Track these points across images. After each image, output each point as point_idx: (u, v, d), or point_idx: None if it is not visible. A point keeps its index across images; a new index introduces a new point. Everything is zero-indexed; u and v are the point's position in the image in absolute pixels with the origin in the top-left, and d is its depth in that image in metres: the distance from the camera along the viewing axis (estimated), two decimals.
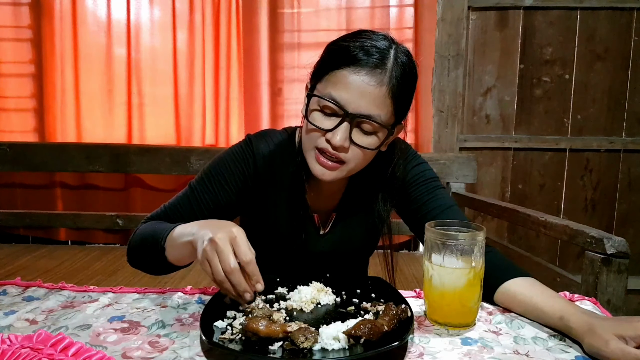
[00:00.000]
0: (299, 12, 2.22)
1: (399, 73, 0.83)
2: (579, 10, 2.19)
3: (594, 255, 1.20)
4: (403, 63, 0.84)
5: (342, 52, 0.83)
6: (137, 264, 0.94)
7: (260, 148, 0.96)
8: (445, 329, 0.75)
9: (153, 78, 2.25)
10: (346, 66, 0.81)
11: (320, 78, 0.85)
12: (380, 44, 0.83)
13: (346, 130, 0.82)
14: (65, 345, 0.61)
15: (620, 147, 2.25)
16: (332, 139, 0.82)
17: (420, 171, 0.99)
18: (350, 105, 0.81)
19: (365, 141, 0.84)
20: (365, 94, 0.81)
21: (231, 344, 0.65)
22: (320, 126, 0.83)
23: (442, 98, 2.21)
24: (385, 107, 0.83)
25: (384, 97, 0.82)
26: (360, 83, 0.81)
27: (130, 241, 0.94)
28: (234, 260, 0.71)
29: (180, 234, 0.81)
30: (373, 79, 0.81)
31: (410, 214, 0.99)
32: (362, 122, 0.83)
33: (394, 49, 0.84)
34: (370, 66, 0.81)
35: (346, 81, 0.81)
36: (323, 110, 0.84)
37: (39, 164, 2.09)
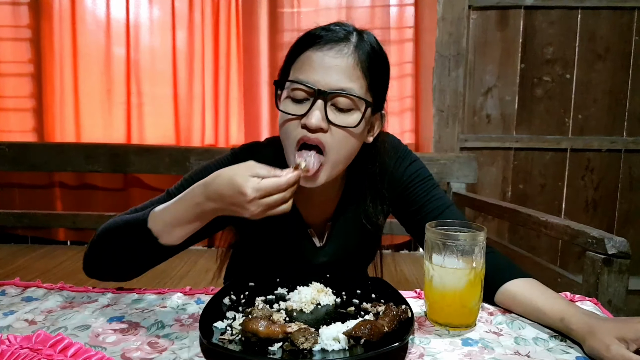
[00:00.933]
0: (299, 12, 2.22)
1: (366, 47, 0.81)
2: (579, 10, 2.19)
3: (595, 256, 1.19)
4: (369, 41, 0.82)
5: (302, 38, 0.82)
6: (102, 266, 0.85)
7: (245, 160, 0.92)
8: (445, 330, 0.75)
9: (152, 78, 2.25)
10: (307, 48, 0.80)
11: (287, 72, 0.83)
12: (341, 26, 0.82)
13: (321, 108, 0.78)
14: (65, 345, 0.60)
15: (621, 147, 2.24)
16: (307, 120, 0.78)
17: (416, 170, 0.95)
18: (319, 83, 0.78)
19: (345, 120, 0.80)
20: (332, 67, 0.78)
21: (231, 344, 0.65)
22: (294, 113, 0.80)
23: (442, 98, 2.21)
24: (357, 79, 0.79)
25: (353, 68, 0.79)
26: (324, 57, 0.78)
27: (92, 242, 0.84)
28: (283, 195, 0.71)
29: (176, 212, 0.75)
30: (337, 53, 0.79)
31: (408, 216, 0.97)
32: (336, 96, 0.79)
33: (357, 31, 0.83)
34: (332, 42, 0.79)
35: (310, 60, 0.79)
36: (294, 98, 0.80)
37: (38, 164, 2.09)
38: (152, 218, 0.78)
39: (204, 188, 0.75)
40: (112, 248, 0.82)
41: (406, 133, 2.25)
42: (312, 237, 0.97)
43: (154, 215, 0.78)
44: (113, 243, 0.82)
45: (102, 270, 0.85)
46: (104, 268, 0.84)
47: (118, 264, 0.83)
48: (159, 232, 0.77)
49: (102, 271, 0.85)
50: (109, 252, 0.82)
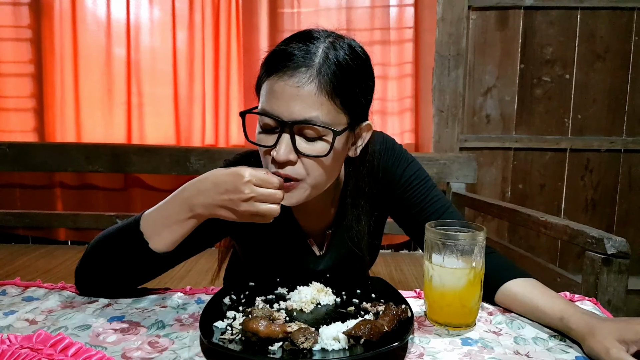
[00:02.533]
0: (299, 12, 2.22)
1: (331, 68, 0.75)
2: (579, 10, 2.19)
3: (595, 256, 1.20)
4: (337, 56, 0.76)
5: (267, 62, 0.79)
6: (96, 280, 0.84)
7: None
8: (445, 330, 0.75)
9: (153, 78, 2.25)
10: (269, 76, 0.77)
11: (258, 94, 0.81)
12: (306, 41, 0.77)
13: (287, 141, 0.75)
14: (65, 345, 0.61)
15: (620, 147, 2.25)
16: (275, 155, 0.76)
17: (413, 172, 0.94)
18: (283, 114, 0.75)
19: (313, 149, 0.76)
20: (294, 97, 0.74)
21: (231, 344, 0.65)
22: (264, 144, 0.78)
23: (442, 98, 2.21)
24: (321, 106, 0.75)
25: (316, 95, 0.74)
26: (285, 87, 0.75)
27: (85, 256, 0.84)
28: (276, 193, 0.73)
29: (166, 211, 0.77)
30: (298, 80, 0.74)
31: (408, 219, 0.96)
32: (302, 128, 0.75)
33: (325, 45, 0.77)
34: (292, 68, 0.75)
35: (273, 90, 0.76)
36: (264, 128, 0.79)
37: (38, 164, 2.09)
38: (143, 220, 0.79)
39: (195, 183, 0.77)
40: (104, 258, 0.82)
41: (406, 133, 2.25)
42: (312, 247, 0.97)
43: (145, 217, 0.79)
44: (105, 252, 0.82)
45: (94, 284, 0.85)
46: (96, 281, 0.85)
47: (110, 275, 0.83)
48: (149, 233, 0.78)
49: (94, 285, 0.85)
50: (101, 263, 0.83)
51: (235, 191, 0.73)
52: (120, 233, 0.81)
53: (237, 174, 0.73)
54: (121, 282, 0.85)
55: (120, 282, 0.85)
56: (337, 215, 0.95)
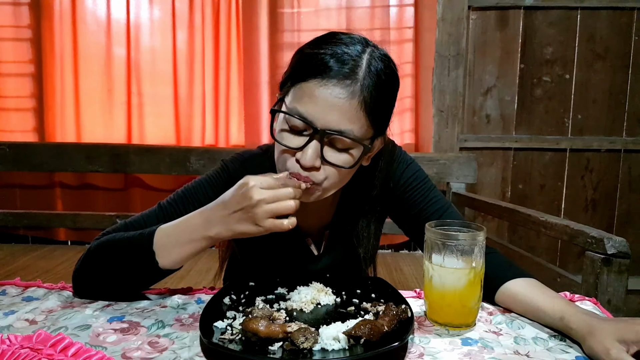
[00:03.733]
0: (299, 12, 2.22)
1: (372, 82, 0.75)
2: (579, 10, 2.19)
3: (595, 256, 1.20)
4: (377, 70, 0.76)
5: (308, 61, 0.76)
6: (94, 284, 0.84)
7: (238, 175, 0.88)
8: (445, 330, 0.75)
9: (153, 78, 2.25)
10: (313, 77, 0.74)
11: (287, 91, 0.79)
12: (351, 49, 0.76)
13: (316, 148, 0.75)
14: (65, 345, 0.61)
15: (620, 147, 2.25)
16: (301, 158, 0.76)
17: (413, 174, 0.94)
18: (318, 121, 0.74)
19: (339, 159, 0.77)
20: (335, 107, 0.73)
21: (231, 344, 0.65)
22: (289, 145, 0.77)
23: (442, 98, 2.21)
24: (358, 120, 0.75)
25: (356, 110, 0.74)
26: (328, 96, 0.73)
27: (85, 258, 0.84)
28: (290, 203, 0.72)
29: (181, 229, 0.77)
30: (342, 91, 0.73)
31: (408, 220, 0.96)
32: (333, 138, 0.76)
33: (368, 55, 0.77)
34: (339, 77, 0.73)
35: (313, 94, 0.74)
36: (291, 128, 0.77)
37: (38, 164, 2.09)
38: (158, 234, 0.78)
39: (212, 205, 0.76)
40: (108, 263, 0.82)
41: (406, 133, 2.25)
42: (310, 246, 0.97)
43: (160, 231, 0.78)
44: (110, 258, 0.82)
45: (93, 287, 0.85)
46: (96, 284, 0.84)
47: (111, 280, 0.83)
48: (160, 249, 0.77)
49: (93, 288, 0.85)
50: (104, 268, 0.82)
51: (245, 198, 0.72)
52: (130, 244, 0.81)
53: (241, 183, 0.73)
54: (120, 288, 0.84)
55: (119, 287, 0.84)
56: (336, 215, 0.96)
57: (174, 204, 0.90)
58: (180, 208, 0.88)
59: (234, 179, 0.87)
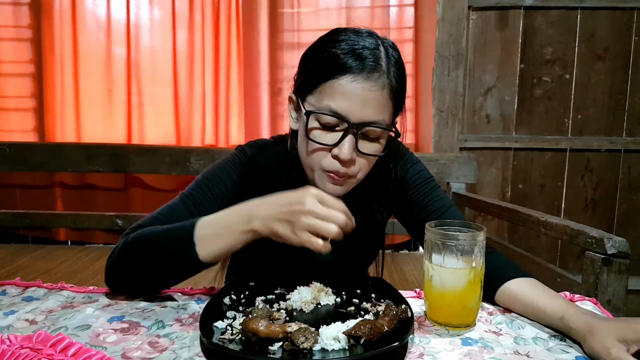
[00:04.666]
0: (299, 12, 2.22)
1: (396, 71, 0.80)
2: (579, 10, 2.19)
3: (595, 256, 1.20)
4: (396, 59, 0.81)
5: (331, 61, 0.78)
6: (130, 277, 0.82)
7: (256, 160, 0.92)
8: (445, 329, 0.75)
9: (153, 78, 2.25)
10: (341, 75, 0.77)
11: (309, 91, 0.81)
12: (368, 42, 0.79)
13: (352, 141, 0.79)
14: (65, 345, 0.61)
15: (620, 147, 2.25)
16: (339, 153, 0.79)
17: (417, 172, 0.96)
18: (353, 115, 0.77)
19: (372, 148, 0.82)
20: (368, 100, 0.77)
21: (231, 344, 0.65)
22: (323, 142, 0.80)
23: (442, 98, 2.21)
24: (388, 109, 0.80)
25: (386, 100, 0.79)
26: (361, 91, 0.77)
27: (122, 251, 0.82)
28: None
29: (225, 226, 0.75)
30: (373, 84, 0.77)
31: (410, 217, 0.98)
32: (367, 130, 0.80)
33: (383, 46, 0.80)
34: (367, 71, 0.77)
35: (344, 90, 0.77)
36: (323, 126, 0.80)
37: (38, 164, 2.09)
38: (200, 224, 0.77)
39: (259, 198, 0.76)
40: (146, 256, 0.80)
41: (406, 133, 2.22)
42: None
43: (202, 221, 0.77)
44: (148, 251, 0.79)
45: (129, 281, 0.83)
46: (132, 278, 0.82)
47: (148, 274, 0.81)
48: (201, 239, 0.76)
49: (129, 282, 0.83)
50: (141, 261, 0.80)
51: (298, 203, 0.72)
52: (169, 234, 0.79)
53: (304, 189, 0.73)
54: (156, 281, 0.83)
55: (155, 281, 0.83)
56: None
57: (200, 190, 0.89)
58: (207, 193, 0.88)
59: (252, 163, 0.90)
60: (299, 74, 0.86)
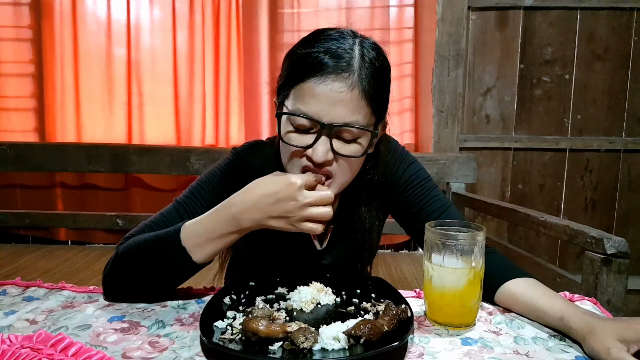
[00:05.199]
0: (299, 12, 2.22)
1: (369, 71, 0.78)
2: (579, 10, 2.19)
3: (594, 255, 1.20)
4: (371, 59, 0.79)
5: (303, 62, 0.78)
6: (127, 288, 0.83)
7: (249, 162, 0.92)
8: (445, 329, 0.75)
9: (153, 78, 2.25)
10: (309, 77, 0.76)
11: (287, 94, 0.81)
12: (342, 43, 0.78)
13: (326, 142, 0.77)
14: (65, 345, 0.61)
15: (620, 147, 2.25)
16: (313, 155, 0.78)
17: (414, 172, 0.95)
18: (324, 117, 0.76)
19: (349, 149, 0.80)
20: (337, 101, 0.76)
21: (231, 344, 0.65)
22: (298, 144, 0.79)
23: (442, 98, 2.21)
24: (361, 110, 0.78)
25: (357, 100, 0.77)
26: (329, 92, 0.75)
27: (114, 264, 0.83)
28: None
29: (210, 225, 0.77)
30: (342, 85, 0.76)
31: (408, 218, 0.97)
32: (341, 131, 0.78)
33: (359, 46, 0.79)
34: (336, 71, 0.76)
35: (313, 92, 0.76)
36: (297, 129, 0.79)
37: (39, 164, 2.09)
38: (184, 232, 0.78)
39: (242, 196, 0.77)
40: (138, 267, 0.81)
41: (406, 133, 2.26)
42: (313, 240, 0.97)
43: (186, 229, 0.78)
44: (140, 261, 0.81)
45: (127, 291, 0.84)
46: (129, 288, 0.83)
47: (145, 283, 0.82)
48: (190, 246, 0.78)
49: (126, 292, 0.84)
50: (135, 272, 0.82)
51: (289, 199, 0.73)
52: (157, 244, 0.80)
53: (289, 182, 0.74)
54: (153, 289, 0.84)
55: (153, 289, 0.84)
56: (339, 210, 0.96)
57: (192, 197, 0.90)
58: (199, 199, 0.89)
59: (245, 166, 0.90)
60: (279, 78, 0.85)
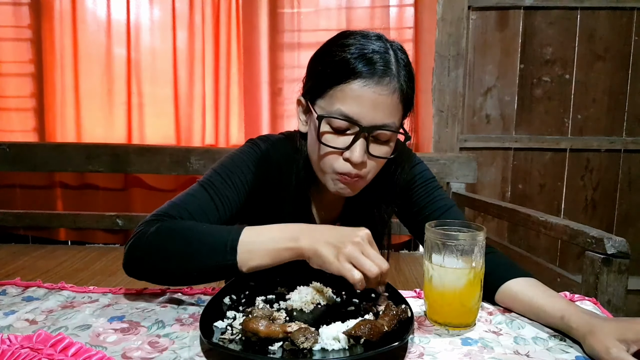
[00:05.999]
0: (299, 12, 2.22)
1: (405, 75, 0.81)
2: (579, 10, 2.19)
3: (595, 256, 1.20)
4: (405, 63, 0.82)
5: (342, 65, 0.79)
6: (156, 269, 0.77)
7: (270, 154, 0.92)
8: (445, 329, 0.75)
9: (153, 78, 2.25)
10: (352, 79, 0.78)
11: (320, 94, 0.82)
12: (377, 46, 0.80)
13: (363, 145, 0.80)
14: (65, 345, 0.61)
15: (620, 147, 2.25)
16: (351, 157, 0.80)
17: (419, 172, 0.98)
18: (364, 119, 0.78)
19: (382, 150, 0.83)
20: (378, 104, 0.78)
21: (231, 344, 0.65)
22: (335, 146, 0.81)
23: (442, 98, 2.21)
24: (398, 112, 0.82)
25: (396, 104, 0.80)
26: (372, 95, 0.78)
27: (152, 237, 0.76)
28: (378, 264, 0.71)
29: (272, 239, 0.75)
30: (384, 89, 0.78)
31: (411, 217, 0.99)
32: (377, 133, 0.81)
33: (392, 50, 0.81)
34: (378, 75, 0.78)
35: (355, 95, 0.78)
36: (335, 129, 0.81)
37: (39, 164, 2.09)
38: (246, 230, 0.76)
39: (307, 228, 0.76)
40: (180, 252, 0.76)
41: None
42: None
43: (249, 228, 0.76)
44: (184, 248, 0.76)
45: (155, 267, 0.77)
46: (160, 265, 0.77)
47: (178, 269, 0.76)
48: (243, 253, 0.74)
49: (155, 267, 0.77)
50: (173, 256, 0.76)
51: (351, 234, 0.73)
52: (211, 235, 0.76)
53: (357, 227, 0.74)
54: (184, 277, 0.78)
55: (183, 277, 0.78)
56: (345, 207, 0.98)
57: (222, 180, 0.87)
58: (228, 182, 0.87)
59: (267, 157, 0.91)
60: (308, 77, 0.86)
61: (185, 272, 0.77)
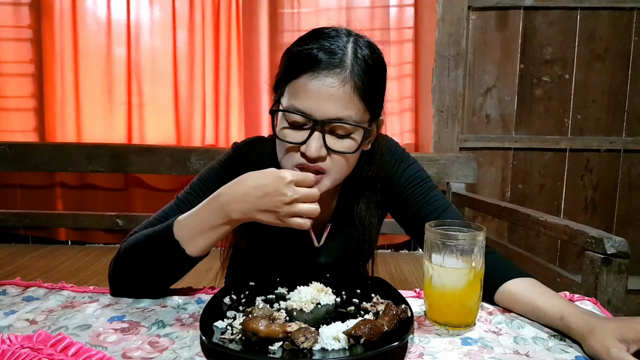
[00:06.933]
0: (299, 12, 2.22)
1: (361, 67, 0.79)
2: (579, 10, 2.19)
3: (594, 255, 1.20)
4: (364, 56, 0.80)
5: (298, 58, 0.80)
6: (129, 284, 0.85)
7: (249, 157, 0.93)
8: (445, 329, 0.75)
9: (153, 78, 2.25)
10: (303, 72, 0.78)
11: (282, 91, 0.83)
12: (335, 41, 0.79)
13: (319, 138, 0.79)
14: (65, 345, 0.61)
15: (620, 147, 2.25)
16: (306, 151, 0.79)
17: (413, 173, 0.96)
18: (316, 112, 0.78)
19: (342, 145, 0.81)
20: (329, 96, 0.77)
21: (231, 344, 0.65)
22: (292, 141, 0.80)
23: (442, 98, 2.21)
24: (354, 105, 0.79)
25: (350, 95, 0.78)
26: (321, 87, 0.77)
27: (116, 261, 0.86)
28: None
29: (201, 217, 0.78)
30: (333, 80, 0.77)
31: (407, 218, 0.97)
32: (334, 126, 0.79)
33: (352, 43, 0.80)
34: (329, 68, 0.77)
35: (306, 88, 0.78)
36: (291, 125, 0.81)
37: (39, 164, 2.09)
38: (177, 226, 0.79)
39: (231, 188, 0.77)
40: (138, 263, 0.83)
41: (406, 133, 2.26)
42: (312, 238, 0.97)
43: (179, 223, 0.80)
44: (138, 257, 0.83)
45: (130, 287, 0.86)
46: (132, 284, 0.85)
47: (145, 278, 0.84)
48: (183, 240, 0.79)
49: (129, 288, 0.86)
50: (135, 268, 0.84)
51: (277, 194, 0.73)
52: (153, 240, 0.82)
53: (278, 176, 0.74)
54: (154, 284, 0.86)
55: (154, 284, 0.86)
56: (337, 207, 0.97)
57: (193, 192, 0.92)
58: (200, 194, 0.90)
59: (245, 160, 0.91)
60: (275, 76, 0.87)
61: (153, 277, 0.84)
